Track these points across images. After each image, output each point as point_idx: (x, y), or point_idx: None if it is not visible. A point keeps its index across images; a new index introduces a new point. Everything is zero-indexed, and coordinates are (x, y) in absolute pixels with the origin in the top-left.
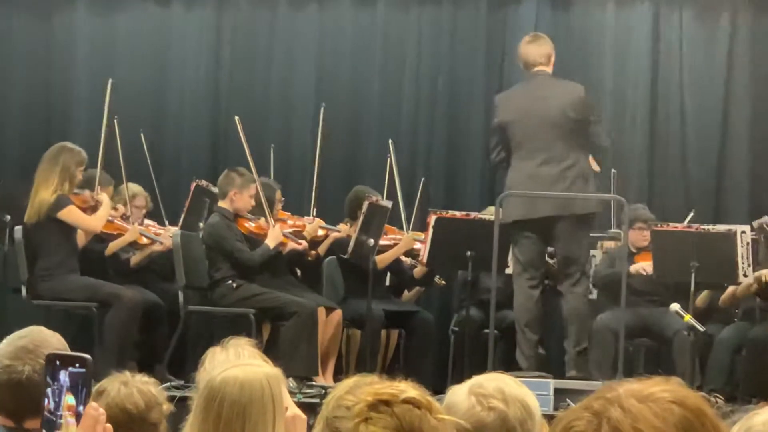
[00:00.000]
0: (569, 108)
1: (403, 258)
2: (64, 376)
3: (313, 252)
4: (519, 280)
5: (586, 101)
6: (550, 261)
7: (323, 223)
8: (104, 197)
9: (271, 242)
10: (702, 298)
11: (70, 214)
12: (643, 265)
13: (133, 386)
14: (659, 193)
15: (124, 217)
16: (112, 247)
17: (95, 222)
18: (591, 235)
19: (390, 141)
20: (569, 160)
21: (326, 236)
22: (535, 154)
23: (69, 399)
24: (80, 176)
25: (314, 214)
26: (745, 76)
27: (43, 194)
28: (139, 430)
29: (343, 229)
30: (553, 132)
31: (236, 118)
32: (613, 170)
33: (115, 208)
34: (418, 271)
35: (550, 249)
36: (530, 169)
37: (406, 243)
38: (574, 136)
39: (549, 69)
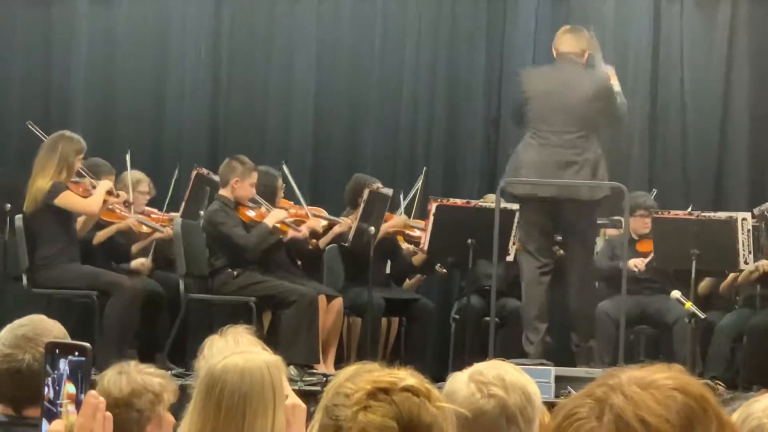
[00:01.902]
0: (593, 97)
1: (404, 245)
2: (63, 365)
3: (314, 241)
4: (529, 268)
5: (611, 88)
6: (556, 248)
7: (324, 213)
8: (103, 182)
9: (270, 220)
10: (704, 285)
11: (66, 199)
12: (635, 262)
13: (126, 373)
14: (660, 181)
15: (127, 204)
16: (101, 236)
17: (91, 204)
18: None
19: (424, 170)
20: (582, 147)
21: (329, 226)
22: (549, 136)
23: (69, 387)
24: (78, 165)
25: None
26: (745, 65)
27: (40, 182)
28: (122, 415)
29: (344, 222)
30: (570, 118)
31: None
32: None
33: (117, 195)
34: (417, 258)
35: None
36: (543, 152)
37: (396, 222)
38: (591, 124)
39: (581, 61)
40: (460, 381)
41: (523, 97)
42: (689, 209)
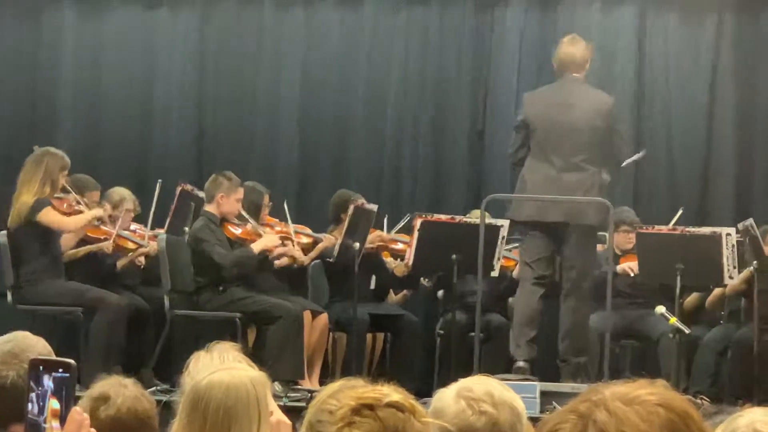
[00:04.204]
0: (596, 118)
1: (388, 259)
2: (47, 381)
3: (302, 261)
4: (524, 278)
5: (614, 112)
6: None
7: (309, 231)
8: (95, 209)
9: (257, 246)
10: (690, 300)
11: (48, 215)
12: (630, 265)
13: (135, 390)
14: (645, 196)
15: (112, 219)
16: (72, 254)
17: (70, 224)
18: None
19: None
20: (589, 169)
21: (314, 242)
22: (556, 158)
23: (53, 404)
24: (63, 181)
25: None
26: (731, 78)
27: (24, 198)
28: None
29: (328, 238)
30: (577, 140)
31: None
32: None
33: (103, 208)
34: (399, 269)
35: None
36: (549, 173)
37: (373, 238)
38: (596, 146)
39: (581, 74)
40: (448, 397)
41: (526, 122)
42: (674, 220)
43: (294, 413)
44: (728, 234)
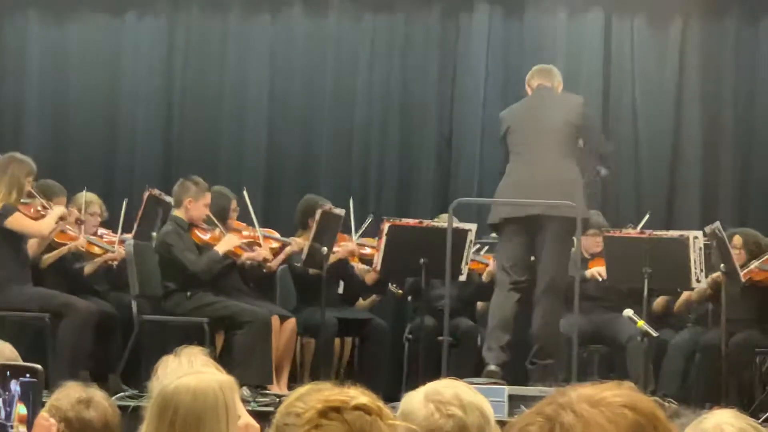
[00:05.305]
0: (571, 116)
1: (357, 265)
2: (15, 386)
3: (269, 266)
4: (500, 282)
5: (586, 110)
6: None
7: (276, 234)
8: (56, 208)
9: (221, 248)
10: (658, 303)
11: (17, 221)
12: (599, 270)
13: (91, 391)
14: (612, 199)
15: (79, 222)
16: (48, 258)
17: (42, 227)
18: None
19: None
20: (562, 166)
21: (281, 247)
22: (530, 159)
23: (20, 409)
24: (29, 187)
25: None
26: (697, 81)
27: None
28: None
29: (296, 242)
30: (549, 139)
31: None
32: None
33: (68, 213)
34: (370, 277)
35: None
36: (524, 175)
37: (342, 252)
38: (569, 144)
39: (556, 90)
40: (416, 401)
41: (504, 132)
42: (642, 224)
43: (262, 418)
44: (695, 237)
